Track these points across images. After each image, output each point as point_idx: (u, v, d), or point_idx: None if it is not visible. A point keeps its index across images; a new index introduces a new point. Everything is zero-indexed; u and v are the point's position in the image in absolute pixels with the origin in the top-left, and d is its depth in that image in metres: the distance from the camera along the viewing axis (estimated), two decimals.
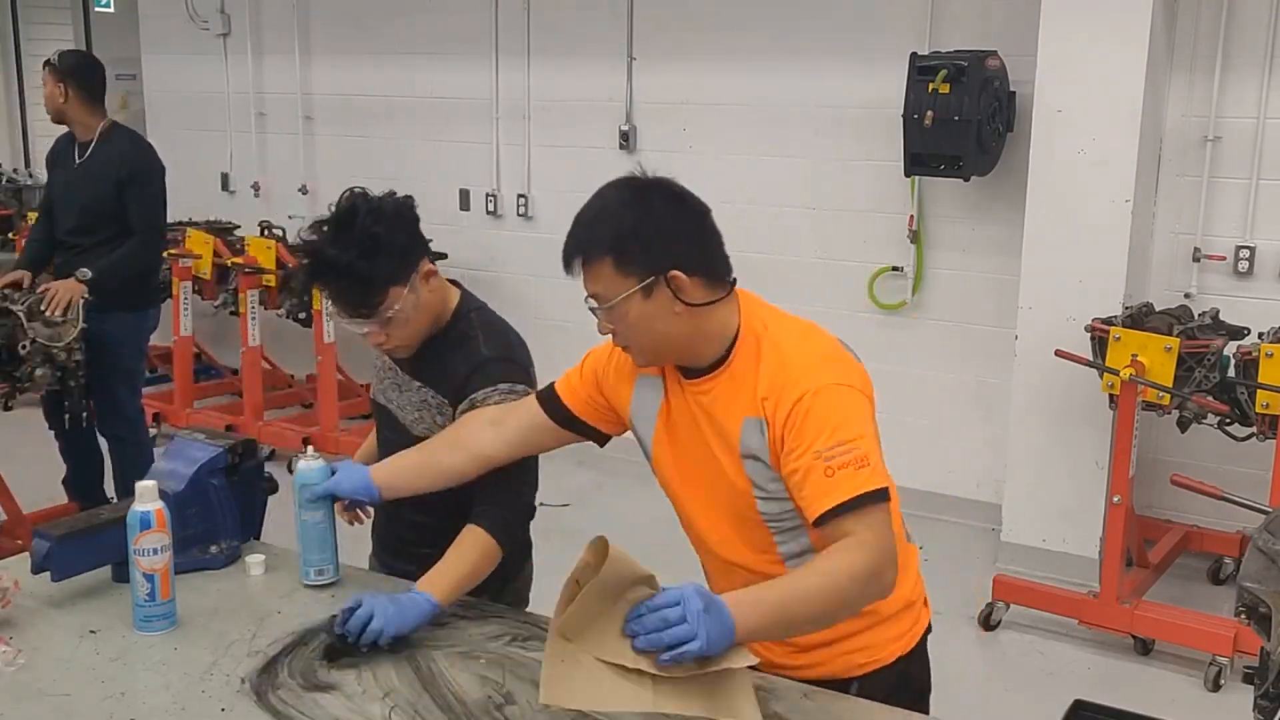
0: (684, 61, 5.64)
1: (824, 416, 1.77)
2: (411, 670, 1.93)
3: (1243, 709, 2.05)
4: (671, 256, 1.83)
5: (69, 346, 4.16)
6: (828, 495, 1.74)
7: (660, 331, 1.86)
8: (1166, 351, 3.93)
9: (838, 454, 1.74)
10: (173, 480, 2.26)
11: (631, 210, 1.86)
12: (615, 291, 1.83)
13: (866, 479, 1.74)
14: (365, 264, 2.14)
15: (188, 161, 7.25)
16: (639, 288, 1.82)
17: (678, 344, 1.88)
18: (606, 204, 1.89)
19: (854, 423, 1.78)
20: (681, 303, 1.84)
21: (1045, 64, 4.36)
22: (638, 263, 1.82)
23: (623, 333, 1.88)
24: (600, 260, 1.83)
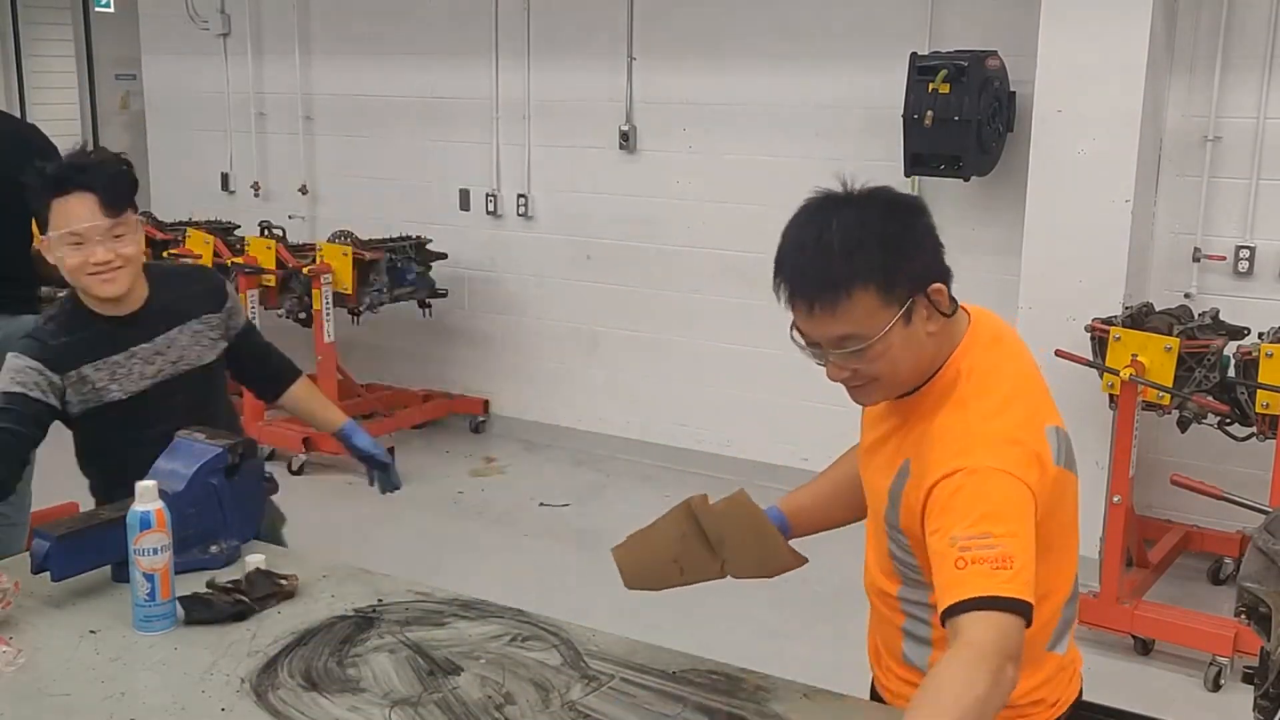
0: (684, 61, 5.64)
1: (973, 500, 1.57)
2: (411, 670, 1.93)
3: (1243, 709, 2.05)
4: (930, 267, 1.65)
5: None
6: (958, 586, 1.53)
7: (914, 359, 1.67)
8: (1166, 351, 3.93)
9: (976, 547, 1.53)
10: (173, 480, 2.26)
11: (880, 227, 1.62)
12: (878, 326, 1.60)
13: (1002, 583, 1.51)
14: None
15: (188, 161, 7.29)
16: (901, 314, 1.61)
17: (925, 368, 1.70)
18: (846, 227, 1.62)
19: (1008, 518, 1.56)
20: (939, 317, 1.65)
21: (1045, 64, 4.36)
22: (905, 284, 1.61)
23: (873, 370, 1.66)
24: (863, 292, 1.59)
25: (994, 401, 1.67)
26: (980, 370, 1.70)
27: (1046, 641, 1.78)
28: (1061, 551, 1.75)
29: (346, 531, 5.07)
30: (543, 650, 2.00)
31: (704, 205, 5.67)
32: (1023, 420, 1.67)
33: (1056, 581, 1.75)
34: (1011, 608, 1.51)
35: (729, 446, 5.39)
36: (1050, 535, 1.67)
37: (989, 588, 1.52)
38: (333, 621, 2.10)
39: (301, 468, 5.77)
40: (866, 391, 1.72)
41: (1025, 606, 1.52)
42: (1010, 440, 1.63)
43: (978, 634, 1.51)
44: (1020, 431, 1.65)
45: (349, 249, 5.80)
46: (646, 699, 1.84)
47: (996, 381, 1.70)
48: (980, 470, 1.59)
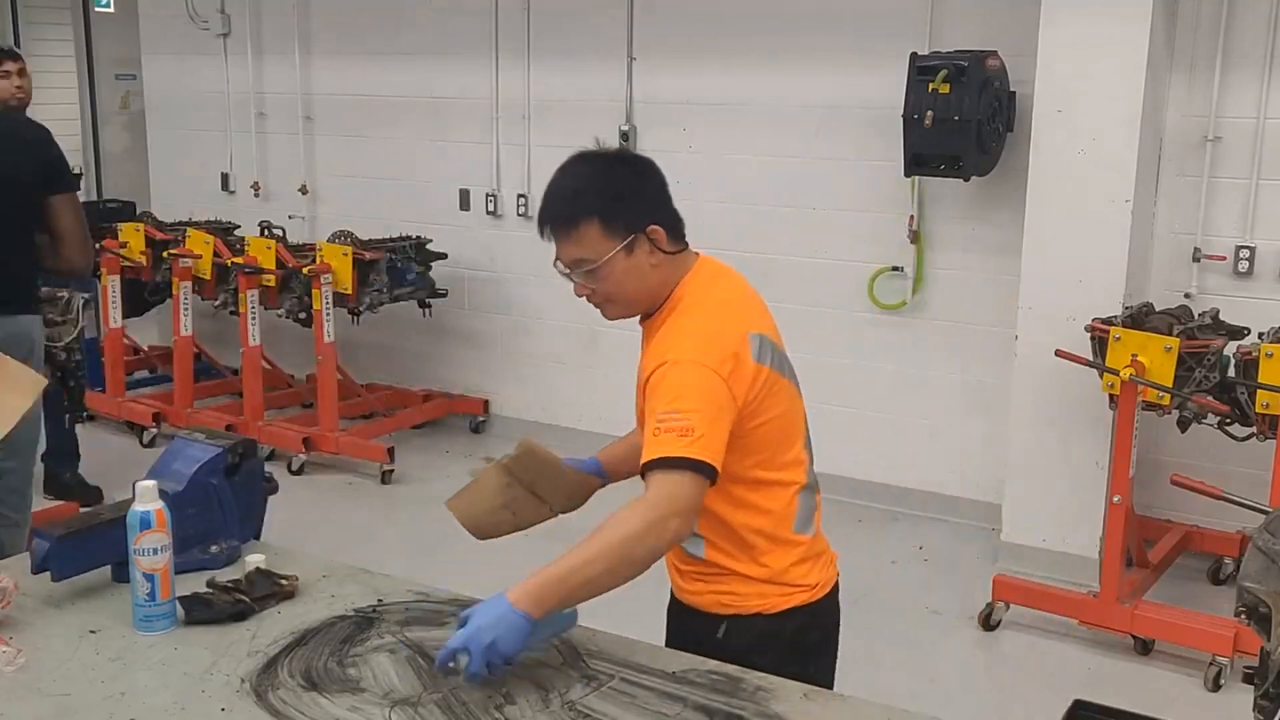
0: (684, 61, 5.64)
1: (670, 385, 1.93)
2: (412, 670, 1.93)
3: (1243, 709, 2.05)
4: (650, 212, 2.03)
5: (68, 347, 4.14)
6: (648, 451, 1.90)
7: (638, 285, 2.05)
8: (1166, 351, 3.93)
9: (667, 420, 1.89)
10: (173, 480, 2.26)
11: (609, 174, 2.06)
12: (602, 252, 2.00)
13: (684, 446, 1.87)
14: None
15: (188, 161, 7.29)
16: (622, 246, 2.00)
17: (652, 294, 2.07)
18: (582, 172, 2.06)
19: (693, 397, 1.91)
20: (661, 253, 2.03)
21: (1045, 64, 4.36)
22: (622, 222, 2.00)
23: (604, 290, 2.05)
24: (587, 224, 1.99)
25: (701, 312, 2.04)
26: (697, 293, 2.07)
27: (792, 524, 2.10)
28: (782, 445, 2.08)
29: (346, 531, 5.07)
30: (543, 650, 2.00)
31: (704, 205, 5.66)
32: (721, 326, 2.02)
33: (786, 473, 2.09)
34: (690, 466, 1.87)
35: None
36: (767, 430, 2.03)
37: (672, 450, 1.87)
38: (333, 621, 2.10)
39: (301, 468, 5.77)
40: (607, 309, 2.11)
41: (704, 466, 1.88)
42: (706, 338, 1.99)
43: (652, 489, 1.89)
44: (716, 333, 2.00)
45: (349, 249, 5.80)
46: (646, 699, 1.84)
47: (707, 299, 2.07)
48: (680, 362, 1.95)
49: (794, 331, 6.16)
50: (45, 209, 3.63)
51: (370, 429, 6.15)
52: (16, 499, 3.70)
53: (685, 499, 1.88)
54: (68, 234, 3.66)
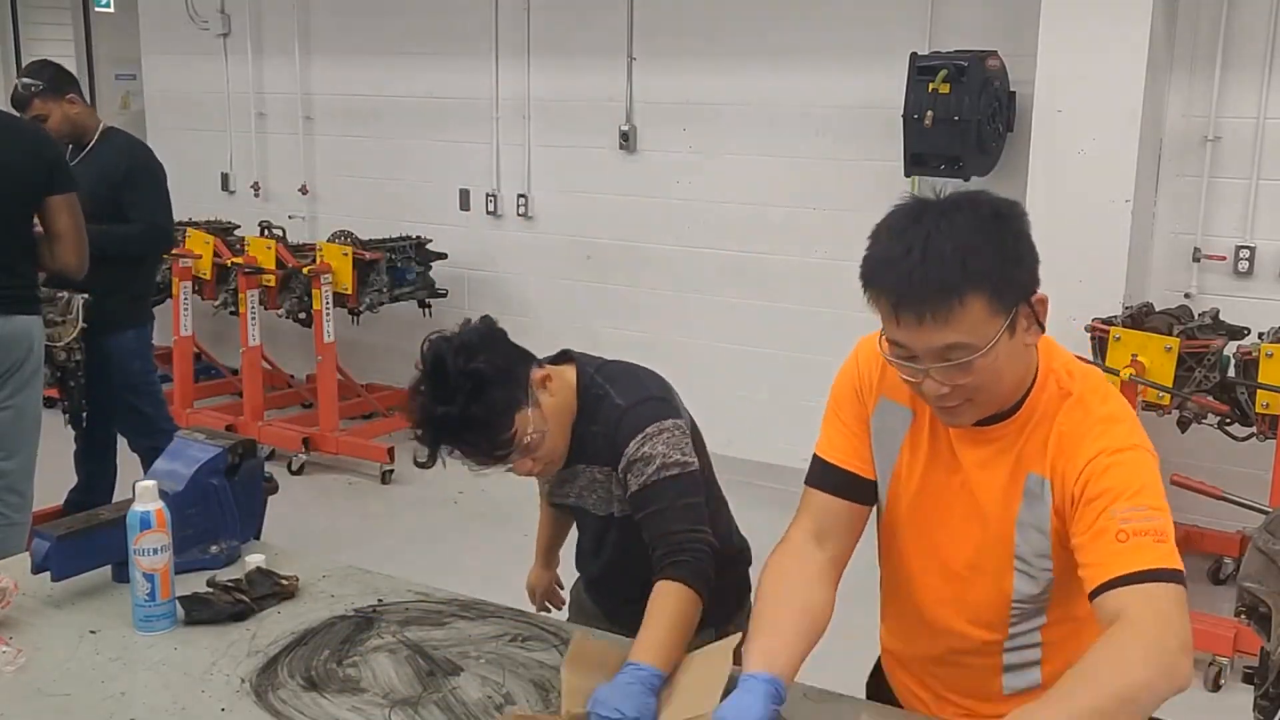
0: (684, 61, 5.64)
1: (1126, 476, 1.55)
2: (411, 670, 1.93)
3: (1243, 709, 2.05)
4: (1034, 277, 1.58)
5: (69, 346, 4.14)
6: (1116, 560, 1.50)
7: (1014, 369, 1.60)
8: (1166, 351, 3.93)
9: (1136, 519, 1.52)
10: (173, 480, 2.26)
11: (994, 232, 1.55)
12: (988, 335, 1.52)
13: (1165, 555, 1.52)
14: (478, 408, 1.97)
15: (188, 161, 7.26)
16: (1006, 324, 1.54)
17: (1021, 381, 1.63)
18: (957, 231, 1.53)
19: (1156, 492, 1.56)
20: (1037, 328, 1.60)
21: (1045, 64, 4.36)
22: (1012, 293, 1.55)
23: (973, 386, 1.57)
24: (974, 299, 1.51)
25: (1104, 393, 1.66)
26: (1079, 370, 1.69)
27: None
28: None
29: (346, 531, 5.07)
30: (543, 650, 2.00)
31: (704, 205, 5.67)
32: (1129, 407, 1.67)
33: None
34: (1175, 578, 1.51)
35: (729, 446, 5.36)
36: None
37: (1152, 560, 1.50)
38: (333, 621, 2.10)
39: (301, 468, 5.77)
40: (960, 410, 1.63)
41: (1182, 575, 1.52)
42: (1132, 419, 1.63)
43: (1147, 615, 1.48)
44: (1131, 411, 1.65)
45: (349, 249, 5.80)
46: None
47: (1097, 376, 1.69)
48: (1125, 448, 1.58)
49: (794, 332, 6.16)
50: (44, 209, 3.63)
51: (370, 429, 6.15)
52: (16, 499, 3.70)
53: (1185, 622, 1.50)
54: (65, 234, 3.66)
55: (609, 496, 2.17)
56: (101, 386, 4.28)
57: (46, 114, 4.30)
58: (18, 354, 3.61)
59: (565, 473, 2.21)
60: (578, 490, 2.22)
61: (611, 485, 2.15)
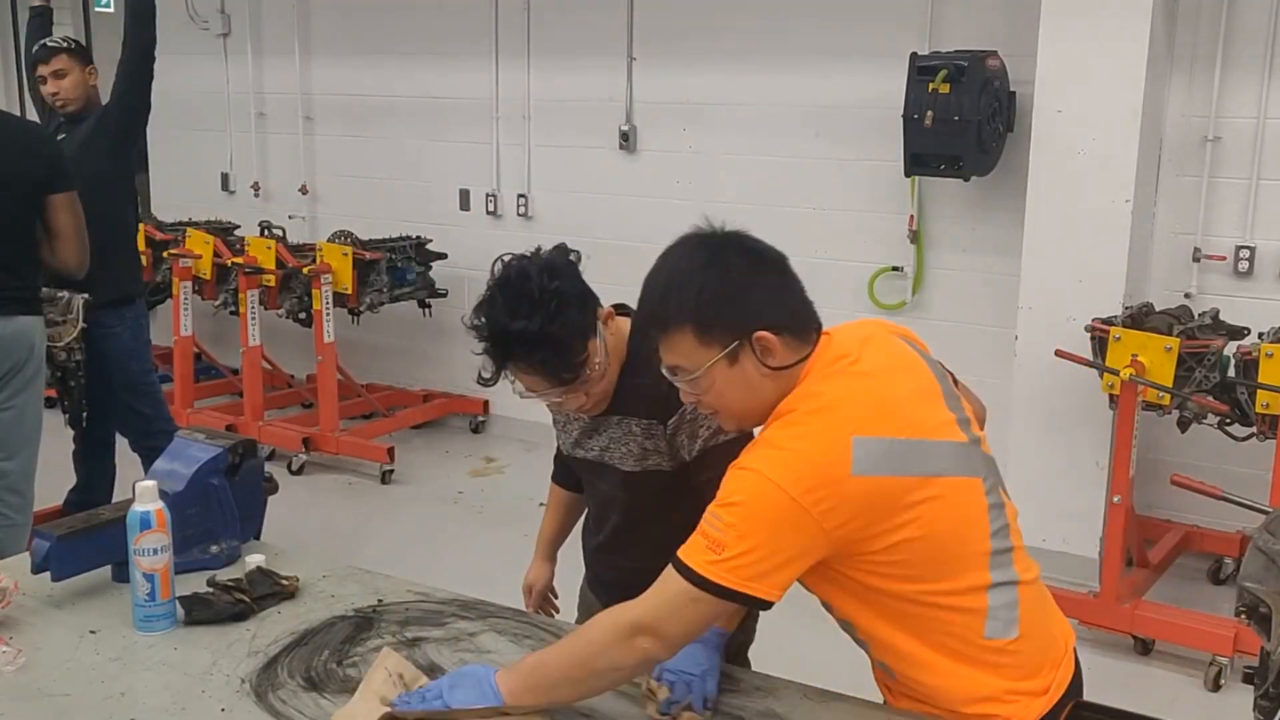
0: (684, 61, 5.64)
1: (729, 489, 1.67)
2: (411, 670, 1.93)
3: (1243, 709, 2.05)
4: (756, 317, 1.73)
5: (69, 346, 4.14)
6: (686, 543, 1.68)
7: (747, 397, 1.76)
8: (1166, 351, 3.93)
9: (707, 522, 1.66)
10: (173, 480, 2.26)
11: (708, 272, 1.74)
12: (698, 363, 1.73)
13: (703, 560, 1.64)
14: (559, 324, 1.97)
15: (188, 161, 7.28)
16: (723, 355, 1.72)
17: (767, 406, 1.76)
18: (679, 268, 1.76)
19: (744, 516, 1.64)
20: (767, 367, 1.74)
21: (1045, 64, 4.36)
22: (721, 328, 1.72)
23: (709, 402, 1.79)
24: (679, 331, 1.73)
25: (796, 415, 1.72)
26: (803, 394, 1.75)
27: (981, 631, 1.76)
28: (946, 551, 1.73)
29: (346, 531, 5.07)
30: (540, 649, 2.00)
31: (704, 205, 5.65)
32: (813, 432, 1.68)
33: (961, 578, 1.74)
34: (697, 583, 1.64)
35: None
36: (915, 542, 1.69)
37: (689, 557, 1.66)
38: (333, 621, 2.10)
39: (301, 468, 5.77)
40: (718, 418, 1.85)
41: (713, 587, 1.64)
42: (784, 448, 1.68)
43: (646, 596, 1.70)
44: (801, 443, 1.68)
45: (349, 249, 5.80)
46: None
47: (810, 400, 1.73)
48: (749, 468, 1.68)
49: None
50: (44, 208, 3.63)
51: (370, 429, 6.15)
52: (16, 500, 3.69)
53: (674, 620, 1.67)
54: (65, 233, 3.66)
55: (640, 451, 2.15)
56: (100, 387, 4.28)
57: (67, 71, 4.38)
58: (19, 355, 3.61)
59: (598, 420, 2.19)
60: (605, 442, 2.19)
61: (648, 440, 2.14)
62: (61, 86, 4.36)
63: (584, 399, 2.08)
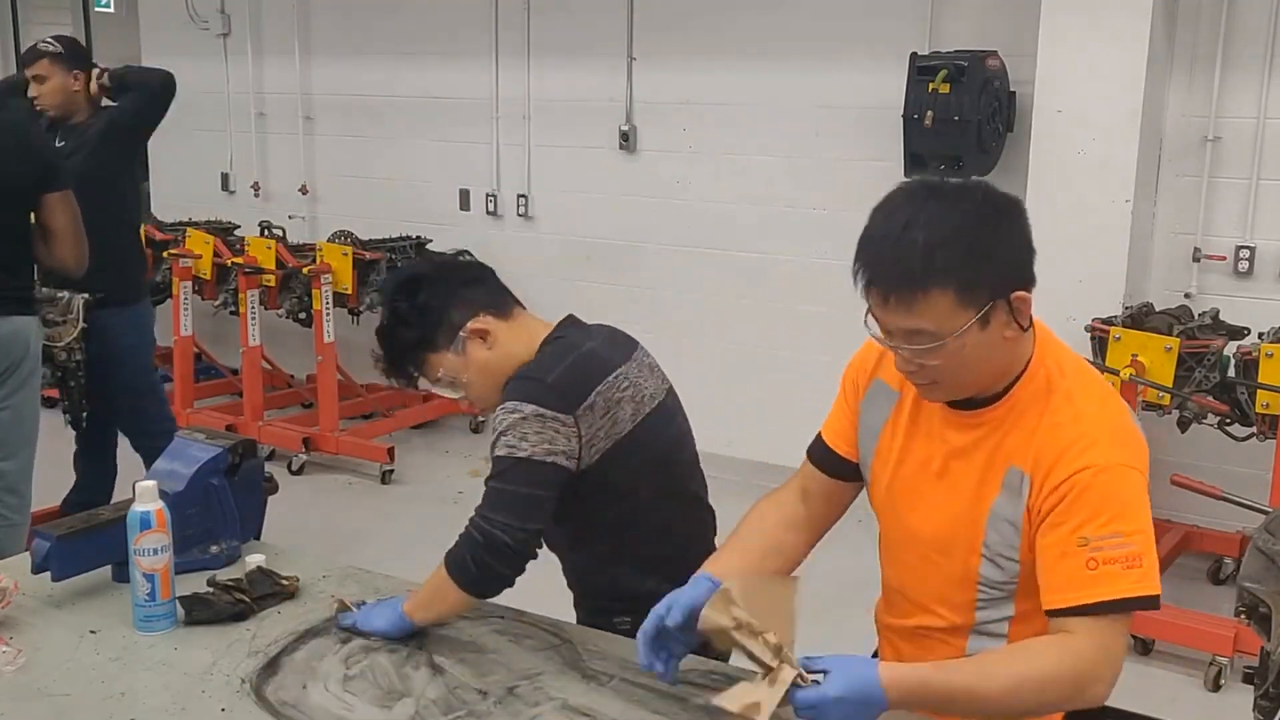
0: (684, 61, 5.64)
1: (1105, 498, 1.56)
2: (411, 670, 1.93)
3: (1243, 709, 2.05)
4: (1016, 274, 1.61)
5: (69, 346, 4.14)
6: (1079, 589, 1.56)
7: (987, 363, 1.63)
8: (1166, 351, 3.93)
9: (1108, 546, 1.54)
10: (173, 480, 2.26)
11: (972, 226, 1.58)
12: (952, 327, 1.56)
13: (1133, 583, 1.55)
14: (392, 334, 2.20)
15: (188, 161, 7.28)
16: (978, 318, 1.57)
17: (996, 374, 1.66)
18: (935, 221, 1.57)
19: (1136, 514, 1.57)
20: (1017, 325, 1.61)
21: (1045, 64, 4.36)
22: (985, 289, 1.57)
23: (940, 370, 1.62)
24: (940, 292, 1.55)
25: (1099, 394, 1.67)
26: (1072, 366, 1.69)
27: None
28: None
29: (346, 531, 5.07)
30: (543, 650, 2.00)
31: (704, 205, 5.67)
32: (1125, 410, 1.68)
33: None
34: (1137, 605, 1.56)
35: (729, 446, 5.38)
36: None
37: (1118, 590, 1.55)
38: (333, 621, 2.09)
39: (301, 468, 5.77)
40: (930, 389, 1.69)
41: (1155, 599, 1.57)
42: (1125, 433, 1.63)
43: (1087, 637, 1.56)
44: (1128, 422, 1.66)
45: (349, 249, 5.80)
46: (646, 699, 1.84)
47: (1091, 377, 1.70)
48: (1110, 467, 1.58)
49: (794, 332, 6.16)
50: (39, 207, 3.63)
51: (370, 429, 6.15)
52: (15, 500, 3.69)
53: (1120, 654, 1.59)
54: (61, 232, 3.65)
55: None
56: (101, 386, 4.28)
57: (47, 76, 4.32)
58: (15, 355, 3.61)
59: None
60: None
61: None
62: (41, 91, 4.33)
63: (464, 402, 2.28)
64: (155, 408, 4.50)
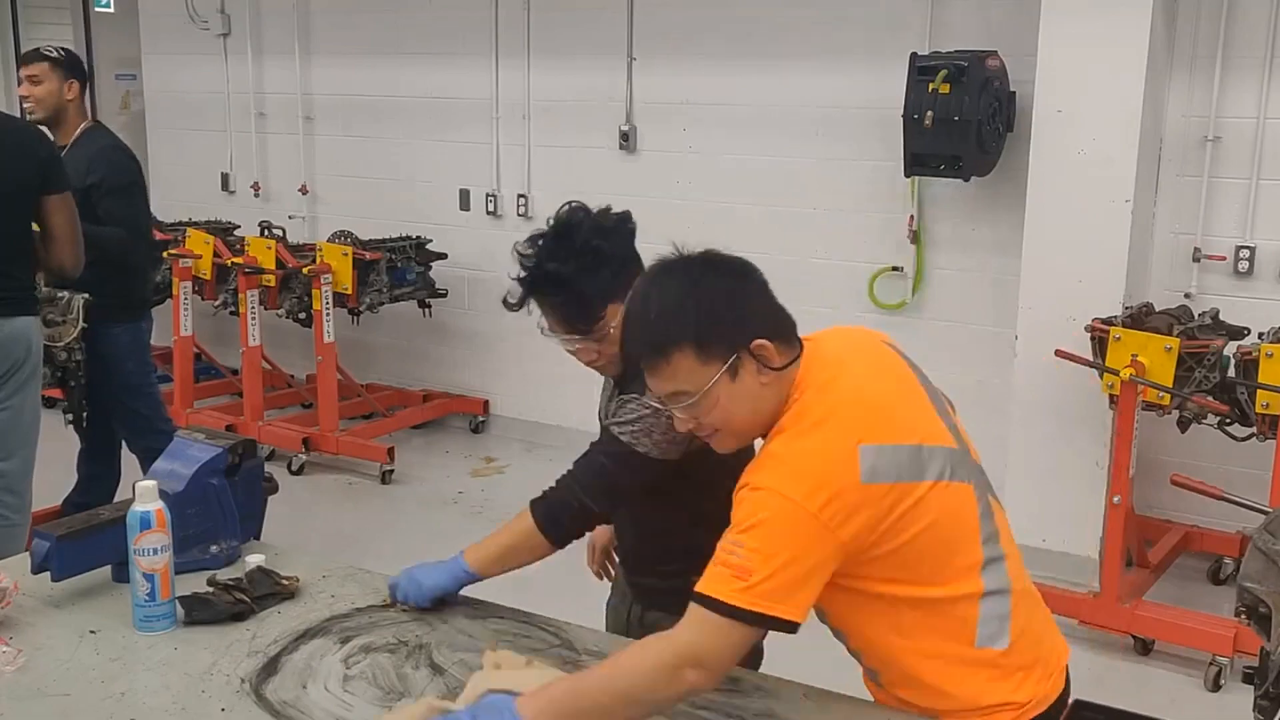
0: (684, 61, 5.64)
1: (745, 514, 1.66)
2: (412, 670, 1.93)
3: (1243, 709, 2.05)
4: (751, 326, 1.73)
5: (69, 347, 4.14)
6: (702, 578, 1.66)
7: (750, 410, 1.75)
8: (1166, 351, 3.93)
9: (728, 552, 1.64)
10: (173, 480, 2.26)
11: (697, 292, 1.74)
12: (701, 382, 1.72)
13: (732, 591, 1.62)
14: (587, 278, 2.09)
15: (188, 161, 7.29)
16: (724, 370, 1.71)
17: (767, 417, 1.76)
18: (666, 295, 1.75)
19: (764, 535, 1.63)
20: (769, 370, 1.73)
21: (1045, 64, 4.36)
22: (721, 343, 1.71)
23: (710, 422, 1.76)
24: (679, 353, 1.71)
25: (801, 428, 1.73)
26: (802, 402, 1.75)
27: (973, 639, 1.77)
28: (941, 557, 1.74)
29: (346, 531, 5.07)
30: (543, 650, 2.00)
31: (704, 205, 5.67)
32: (820, 444, 1.70)
33: (955, 583, 1.75)
34: (730, 614, 1.63)
35: None
36: (914, 547, 1.70)
37: (719, 590, 1.64)
38: (333, 621, 2.10)
39: (301, 468, 5.77)
40: (716, 440, 1.81)
41: (747, 615, 1.63)
42: (793, 463, 1.69)
43: (684, 628, 1.66)
44: (811, 456, 1.69)
45: (349, 249, 5.80)
46: None
47: (811, 409, 1.74)
48: (760, 488, 1.67)
49: None
50: (39, 208, 3.64)
51: (370, 429, 6.15)
52: (14, 500, 3.70)
53: (715, 652, 1.65)
54: (60, 234, 3.67)
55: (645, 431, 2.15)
56: (101, 387, 4.28)
57: (43, 79, 4.31)
58: (16, 355, 3.61)
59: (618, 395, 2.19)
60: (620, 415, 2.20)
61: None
62: (33, 93, 4.32)
63: (594, 354, 2.15)
64: (151, 410, 4.50)
